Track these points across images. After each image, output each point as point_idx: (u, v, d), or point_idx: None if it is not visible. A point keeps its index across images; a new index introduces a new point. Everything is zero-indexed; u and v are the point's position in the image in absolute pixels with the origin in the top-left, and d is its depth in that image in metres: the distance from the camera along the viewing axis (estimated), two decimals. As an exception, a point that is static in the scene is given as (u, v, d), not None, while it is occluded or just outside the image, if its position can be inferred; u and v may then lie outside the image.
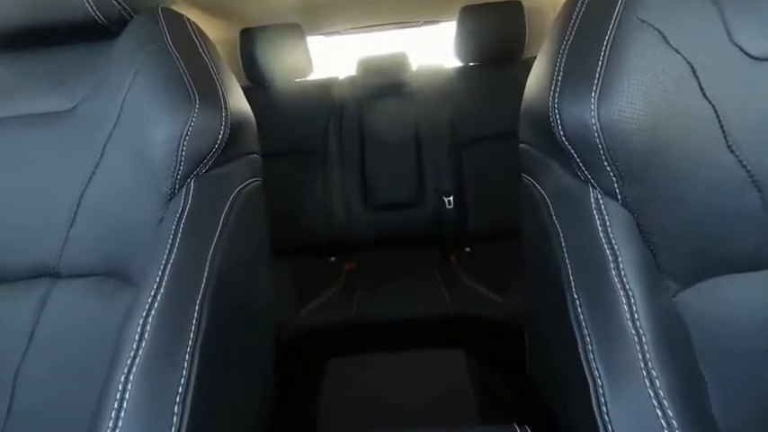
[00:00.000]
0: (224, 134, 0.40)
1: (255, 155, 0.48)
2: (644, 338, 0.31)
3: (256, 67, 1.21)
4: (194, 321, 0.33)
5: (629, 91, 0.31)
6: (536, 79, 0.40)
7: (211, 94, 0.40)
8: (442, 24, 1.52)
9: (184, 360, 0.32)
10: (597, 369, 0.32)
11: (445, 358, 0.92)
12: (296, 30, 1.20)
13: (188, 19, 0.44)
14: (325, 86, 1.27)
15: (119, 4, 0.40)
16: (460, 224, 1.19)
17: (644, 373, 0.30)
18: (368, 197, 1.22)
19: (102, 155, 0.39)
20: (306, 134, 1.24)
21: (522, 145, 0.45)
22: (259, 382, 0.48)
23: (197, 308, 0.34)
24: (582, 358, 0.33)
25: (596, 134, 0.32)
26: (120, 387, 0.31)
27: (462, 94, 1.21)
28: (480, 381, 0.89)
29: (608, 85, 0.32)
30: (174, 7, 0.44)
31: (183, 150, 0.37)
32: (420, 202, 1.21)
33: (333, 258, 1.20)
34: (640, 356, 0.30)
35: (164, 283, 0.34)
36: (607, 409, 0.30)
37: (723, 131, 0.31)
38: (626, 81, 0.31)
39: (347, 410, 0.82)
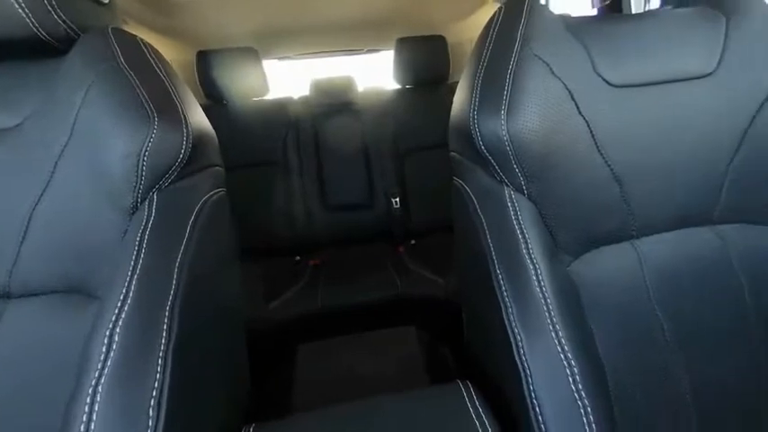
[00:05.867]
0: (186, 149, 0.37)
1: (218, 167, 0.45)
2: (549, 301, 0.33)
3: (214, 87, 1.15)
4: (165, 327, 0.31)
5: (527, 109, 0.34)
6: (459, 100, 0.41)
7: (171, 112, 0.36)
8: (382, 52, 1.54)
9: (157, 364, 0.29)
10: (516, 328, 0.34)
11: (399, 335, 0.93)
12: (252, 53, 1.15)
13: (141, 39, 0.40)
14: (282, 105, 1.24)
15: (64, 22, 0.35)
16: (406, 221, 1.21)
17: (550, 327, 0.33)
18: (326, 201, 1.20)
19: (53, 172, 0.34)
20: (266, 147, 1.19)
21: (451, 153, 0.46)
22: (233, 375, 0.45)
23: (167, 314, 0.31)
24: (504, 321, 0.35)
25: (507, 143, 0.34)
26: (89, 399, 0.27)
27: (401, 111, 1.23)
28: (429, 350, 0.91)
29: (513, 104, 0.34)
30: (126, 28, 0.40)
31: (143, 166, 0.34)
32: (371, 203, 1.22)
33: (297, 257, 1.17)
34: (547, 315, 0.33)
35: (131, 294, 0.31)
36: (525, 358, 0.33)
37: (594, 140, 0.35)
38: (525, 101, 0.34)
39: (316, 388, 0.80)
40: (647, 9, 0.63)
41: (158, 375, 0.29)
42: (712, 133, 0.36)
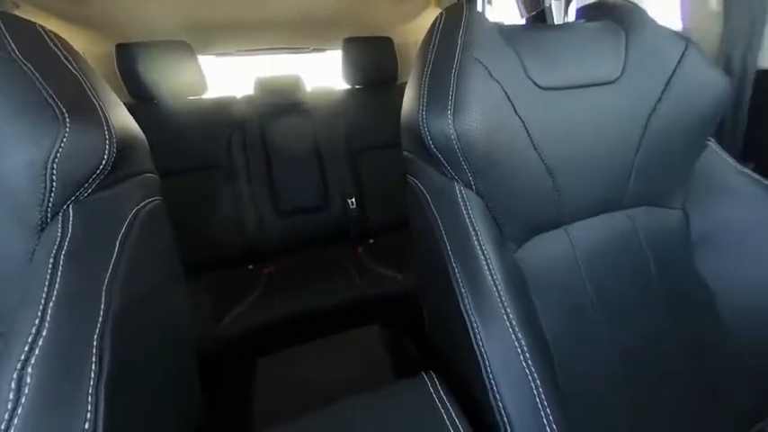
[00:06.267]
0: (109, 154, 0.32)
1: (151, 174, 0.41)
2: (499, 287, 0.36)
3: (140, 84, 1.02)
4: (94, 360, 0.27)
5: (471, 109, 0.35)
6: (408, 101, 0.42)
7: (86, 111, 0.32)
8: (329, 52, 1.51)
9: (87, 403, 0.25)
10: (472, 314, 0.36)
11: (362, 335, 0.92)
12: (185, 47, 1.05)
13: (42, 27, 0.34)
14: (224, 105, 1.15)
15: None
16: (363, 220, 1.20)
17: (502, 310, 0.35)
18: (278, 205, 1.14)
19: None
20: (207, 150, 1.10)
21: (404, 152, 0.47)
22: (183, 398, 0.42)
23: (95, 344, 0.27)
24: (462, 309, 0.36)
25: (454, 141, 0.35)
26: None
27: (352, 111, 1.22)
28: (393, 347, 0.91)
29: (458, 105, 0.35)
30: (18, 13, 0.33)
31: (52, 175, 0.29)
32: (327, 205, 1.19)
33: (250, 266, 1.10)
34: (498, 300, 0.35)
35: (46, 325, 0.26)
36: (482, 342, 0.35)
37: (530, 138, 0.38)
38: (469, 102, 0.35)
39: (280, 399, 0.76)
40: (565, 21, 0.71)
41: (89, 415, 0.25)
42: (621, 131, 0.42)
